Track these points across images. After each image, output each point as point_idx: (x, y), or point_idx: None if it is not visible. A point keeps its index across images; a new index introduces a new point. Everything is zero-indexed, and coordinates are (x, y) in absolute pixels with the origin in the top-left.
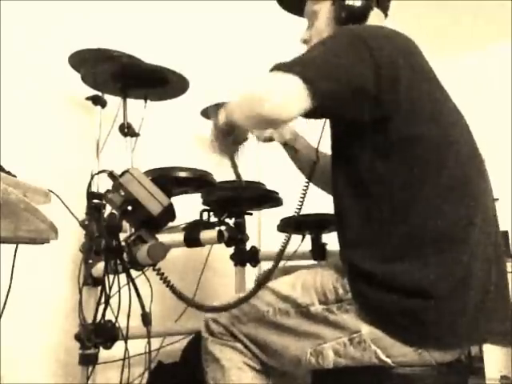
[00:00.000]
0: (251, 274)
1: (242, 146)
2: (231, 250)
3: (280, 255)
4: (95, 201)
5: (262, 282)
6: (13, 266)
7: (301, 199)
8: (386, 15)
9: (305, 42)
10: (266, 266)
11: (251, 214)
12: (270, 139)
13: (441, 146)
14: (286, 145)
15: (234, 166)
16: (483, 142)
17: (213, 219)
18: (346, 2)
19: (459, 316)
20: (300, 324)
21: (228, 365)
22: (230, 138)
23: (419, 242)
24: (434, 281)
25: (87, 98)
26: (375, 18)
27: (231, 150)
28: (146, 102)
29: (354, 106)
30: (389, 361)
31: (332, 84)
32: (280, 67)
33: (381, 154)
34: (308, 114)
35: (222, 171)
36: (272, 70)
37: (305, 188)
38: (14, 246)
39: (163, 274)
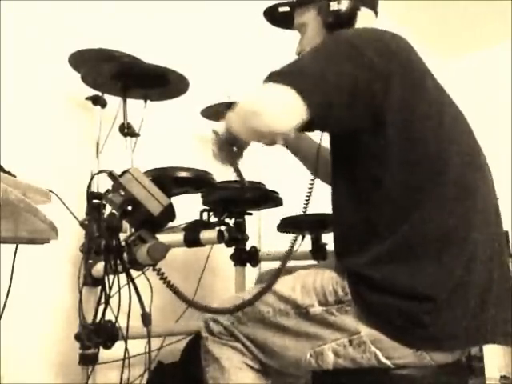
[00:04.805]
0: (251, 274)
1: (243, 152)
2: (231, 249)
3: (287, 257)
4: (95, 201)
5: (267, 286)
6: (13, 266)
7: (307, 197)
8: (375, 13)
9: (299, 54)
10: (266, 266)
11: (251, 214)
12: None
13: (441, 149)
14: (288, 146)
15: (237, 171)
16: (483, 142)
17: (213, 219)
18: (331, 8)
19: (459, 317)
20: (300, 325)
21: (227, 365)
22: (232, 147)
23: (418, 245)
24: (433, 283)
25: (87, 98)
26: (364, 18)
27: (234, 158)
28: (145, 102)
29: (351, 113)
30: (388, 363)
31: (326, 94)
32: (273, 77)
33: (380, 158)
34: (305, 127)
35: (222, 171)
36: (265, 80)
37: (310, 186)
38: (14, 245)
39: (163, 273)
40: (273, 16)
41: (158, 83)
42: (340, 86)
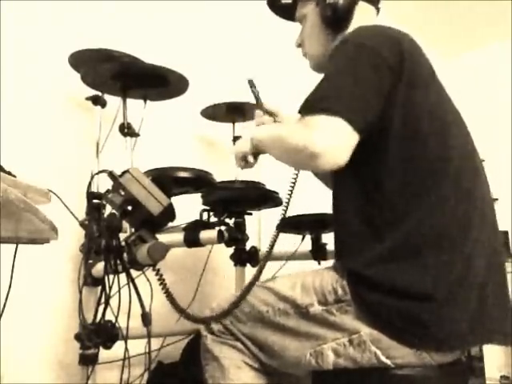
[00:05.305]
0: (251, 273)
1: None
2: (231, 249)
3: (267, 255)
4: (95, 201)
5: (249, 285)
6: (13, 266)
7: (289, 191)
8: (377, 9)
9: (299, 46)
10: (265, 266)
11: (251, 214)
12: None
13: (441, 149)
14: None
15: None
16: (483, 142)
17: (213, 219)
18: (328, 0)
19: (459, 317)
20: (299, 325)
21: (227, 364)
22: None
23: (417, 245)
24: (432, 283)
25: (87, 98)
26: (363, 12)
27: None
28: (145, 102)
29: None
30: (388, 362)
31: (366, 112)
32: (315, 108)
33: (381, 156)
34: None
35: (221, 171)
36: (307, 111)
37: (293, 181)
38: (14, 245)
39: (162, 275)
40: (276, 7)
41: (158, 83)
42: (375, 101)
